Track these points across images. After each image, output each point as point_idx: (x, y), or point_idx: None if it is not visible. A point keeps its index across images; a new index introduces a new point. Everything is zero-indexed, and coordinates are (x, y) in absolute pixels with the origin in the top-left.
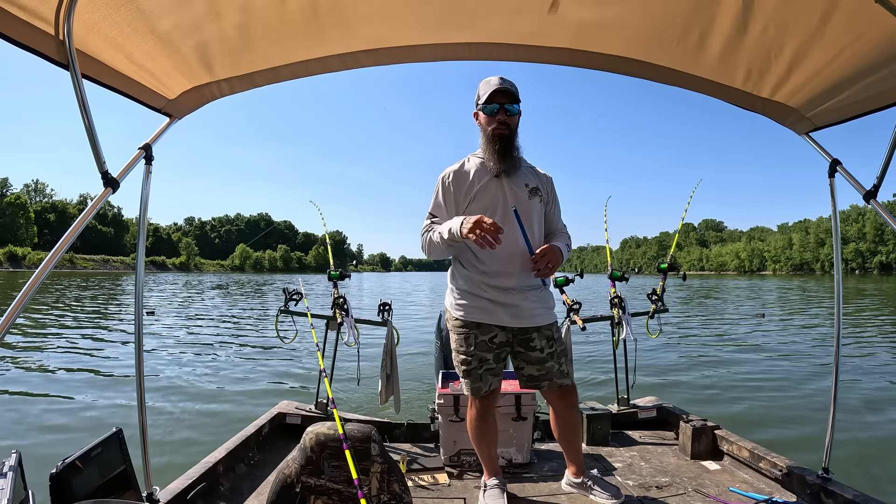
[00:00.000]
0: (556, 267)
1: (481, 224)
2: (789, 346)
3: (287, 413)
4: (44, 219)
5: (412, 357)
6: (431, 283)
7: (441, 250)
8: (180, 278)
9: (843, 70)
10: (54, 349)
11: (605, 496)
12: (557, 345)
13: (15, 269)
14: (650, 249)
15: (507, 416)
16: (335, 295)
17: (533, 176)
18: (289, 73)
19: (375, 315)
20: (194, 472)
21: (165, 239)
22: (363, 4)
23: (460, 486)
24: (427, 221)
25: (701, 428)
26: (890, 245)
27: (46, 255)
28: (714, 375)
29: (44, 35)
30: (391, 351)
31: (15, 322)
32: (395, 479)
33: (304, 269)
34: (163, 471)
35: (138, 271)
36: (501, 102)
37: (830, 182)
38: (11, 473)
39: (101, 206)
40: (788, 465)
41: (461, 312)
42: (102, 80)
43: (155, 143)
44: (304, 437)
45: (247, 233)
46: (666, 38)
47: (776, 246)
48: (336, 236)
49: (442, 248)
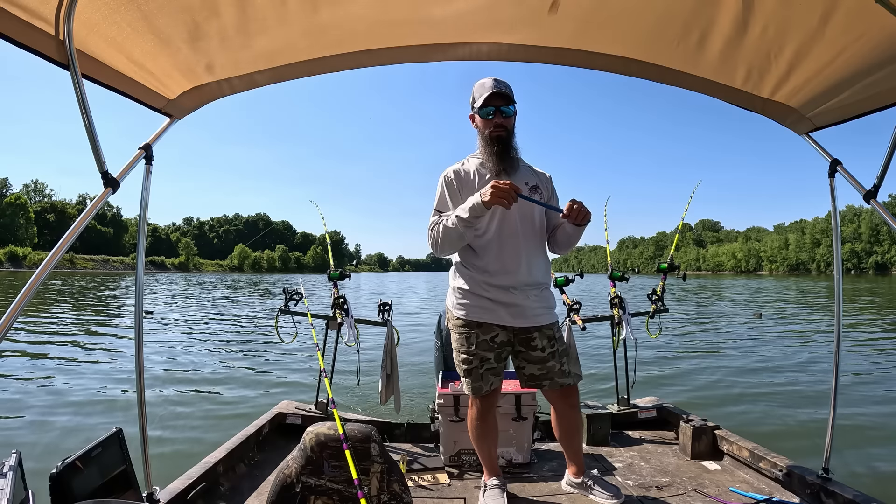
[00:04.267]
0: (588, 215)
1: (498, 187)
2: (788, 345)
3: (287, 413)
4: (43, 219)
5: (412, 357)
6: (429, 282)
7: (455, 237)
8: (179, 278)
9: (843, 70)
10: (54, 349)
11: (605, 496)
12: (559, 344)
13: (16, 269)
14: (647, 249)
15: (507, 415)
16: (335, 295)
17: (532, 174)
18: (289, 73)
19: (375, 315)
20: (194, 472)
21: (164, 239)
22: (363, 4)
23: (460, 486)
24: (434, 218)
25: (701, 428)
26: (885, 245)
27: (46, 255)
28: (714, 375)
29: (44, 35)
30: (391, 351)
31: (15, 323)
32: (395, 479)
33: (302, 269)
34: (163, 471)
35: (138, 271)
36: (497, 105)
37: (830, 182)
38: (11, 473)
39: (101, 206)
40: (788, 465)
41: (462, 312)
42: (102, 80)
43: (155, 144)
44: (304, 437)
45: (245, 233)
46: (666, 38)
47: (772, 246)
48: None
49: (458, 234)
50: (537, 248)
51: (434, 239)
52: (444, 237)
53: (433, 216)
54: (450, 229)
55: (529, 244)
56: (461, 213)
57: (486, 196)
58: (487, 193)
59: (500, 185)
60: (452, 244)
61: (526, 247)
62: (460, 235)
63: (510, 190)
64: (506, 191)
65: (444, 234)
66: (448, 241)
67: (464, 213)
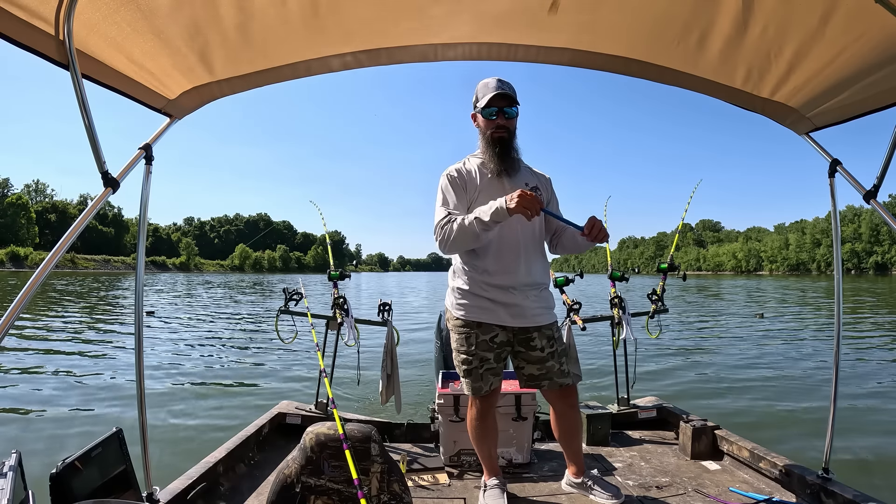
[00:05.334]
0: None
1: (525, 196)
2: (789, 345)
3: (287, 413)
4: (45, 219)
5: (412, 357)
6: (430, 282)
7: (471, 237)
8: (180, 278)
9: (843, 70)
10: (54, 349)
11: (605, 496)
12: (558, 344)
13: (17, 270)
14: (647, 249)
15: (507, 416)
16: (335, 295)
17: (532, 176)
18: (289, 73)
19: (375, 315)
20: (194, 472)
21: (165, 239)
22: (363, 4)
23: (460, 486)
24: (443, 214)
25: (701, 428)
26: (885, 245)
27: (47, 255)
28: (714, 375)
29: (44, 35)
30: (391, 351)
31: (15, 322)
32: (395, 479)
33: (303, 269)
34: (163, 471)
35: (138, 271)
36: (500, 106)
37: (830, 182)
38: (11, 473)
39: (101, 206)
40: (788, 465)
41: (462, 312)
42: (102, 80)
43: (155, 144)
44: (304, 437)
45: (246, 233)
46: (666, 39)
47: (773, 246)
48: (335, 236)
49: (474, 234)
50: (536, 248)
51: (445, 236)
52: (458, 235)
53: (440, 213)
54: (466, 228)
55: (528, 245)
56: (482, 215)
57: (512, 203)
58: (514, 200)
59: (527, 195)
60: (465, 243)
61: (525, 247)
62: (476, 236)
63: (536, 202)
64: (532, 202)
65: (459, 232)
66: (461, 240)
67: (485, 216)
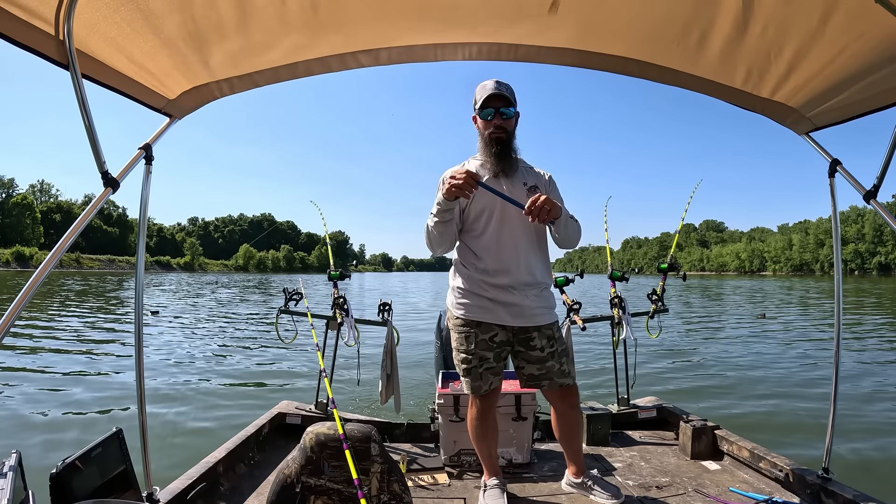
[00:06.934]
0: (553, 211)
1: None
2: (790, 345)
3: (287, 413)
4: (49, 219)
5: (412, 357)
6: (433, 282)
7: (438, 235)
8: (185, 278)
9: (843, 70)
10: (55, 349)
11: (605, 496)
12: (558, 344)
13: (23, 269)
14: (651, 250)
15: (507, 415)
16: (335, 295)
17: (532, 175)
18: (289, 73)
19: (376, 315)
20: (194, 472)
21: (169, 239)
22: (363, 4)
23: (460, 486)
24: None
25: (701, 428)
26: (889, 246)
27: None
28: (714, 375)
29: (44, 35)
30: (391, 351)
31: (15, 322)
32: (395, 479)
33: (307, 269)
34: (163, 471)
35: (138, 271)
36: (497, 107)
37: (830, 182)
38: (11, 473)
39: (101, 205)
40: (788, 465)
41: (462, 311)
42: (102, 80)
43: (155, 143)
44: (304, 437)
45: (250, 233)
46: (666, 39)
47: (776, 247)
48: (338, 236)
49: (439, 231)
50: (537, 247)
51: (425, 239)
52: (428, 235)
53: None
54: (430, 227)
55: (528, 243)
56: (433, 209)
57: (443, 192)
58: (444, 190)
59: (455, 176)
60: (438, 241)
61: (525, 246)
62: (440, 233)
63: (465, 179)
64: (459, 182)
65: (428, 232)
66: (432, 239)
67: (433, 209)
